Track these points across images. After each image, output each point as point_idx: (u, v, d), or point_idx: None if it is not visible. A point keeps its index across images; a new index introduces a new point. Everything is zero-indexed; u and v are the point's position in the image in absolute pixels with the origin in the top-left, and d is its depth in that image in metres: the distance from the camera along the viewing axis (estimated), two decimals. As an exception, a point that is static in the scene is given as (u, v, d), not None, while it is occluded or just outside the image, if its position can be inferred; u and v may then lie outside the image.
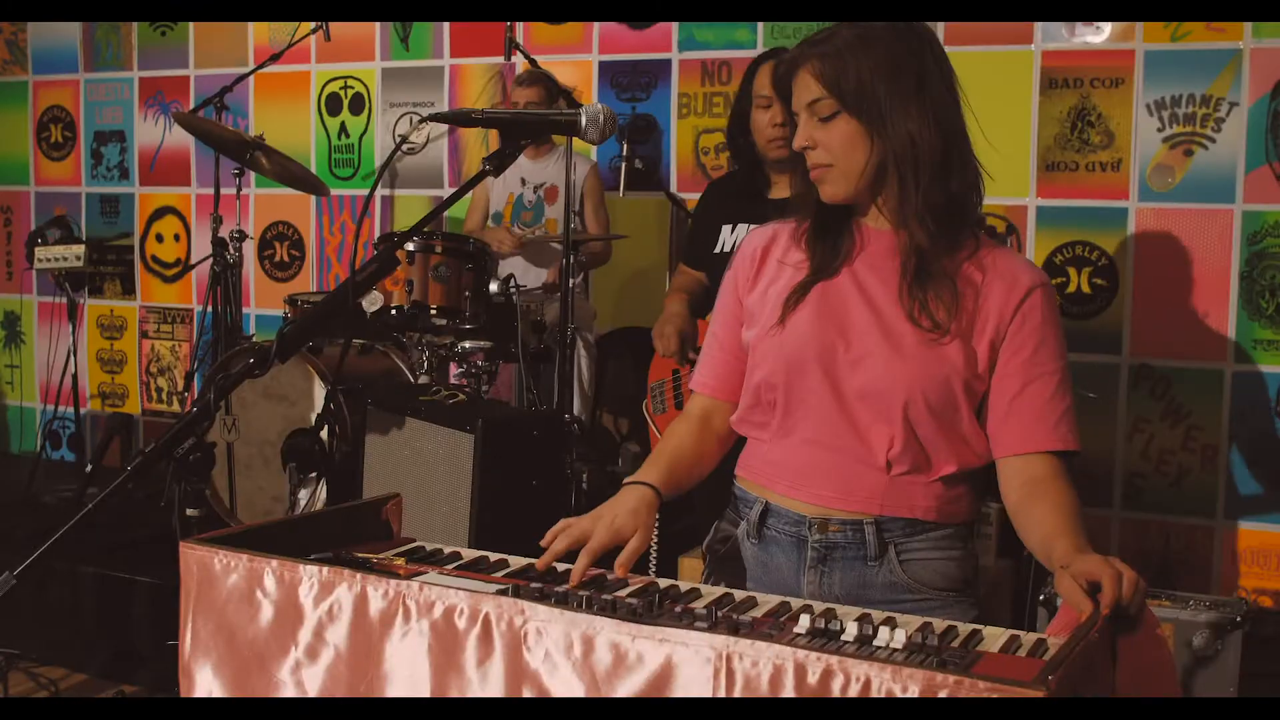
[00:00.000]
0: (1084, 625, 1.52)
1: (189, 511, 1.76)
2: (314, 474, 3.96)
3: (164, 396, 6.56)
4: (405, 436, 3.80)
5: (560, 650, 1.49)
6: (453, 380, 4.54)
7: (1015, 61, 4.74)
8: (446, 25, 5.79)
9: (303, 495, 4.00)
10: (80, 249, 5.60)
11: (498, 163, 1.84)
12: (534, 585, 1.73)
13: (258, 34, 6.21)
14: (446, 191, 5.86)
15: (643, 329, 4.02)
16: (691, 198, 4.93)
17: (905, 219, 1.96)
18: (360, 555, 1.84)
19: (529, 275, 5.00)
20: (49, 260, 5.57)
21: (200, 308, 5.20)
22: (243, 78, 5.51)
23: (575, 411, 4.47)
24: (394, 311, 4.23)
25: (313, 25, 5.44)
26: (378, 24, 5.92)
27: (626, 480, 2.06)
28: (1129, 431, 4.62)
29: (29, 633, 4.33)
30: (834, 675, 1.34)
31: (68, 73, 6.74)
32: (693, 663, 1.42)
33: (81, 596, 4.32)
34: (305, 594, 1.65)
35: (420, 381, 4.34)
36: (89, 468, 5.23)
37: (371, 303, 3.78)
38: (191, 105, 6.30)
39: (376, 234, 5.99)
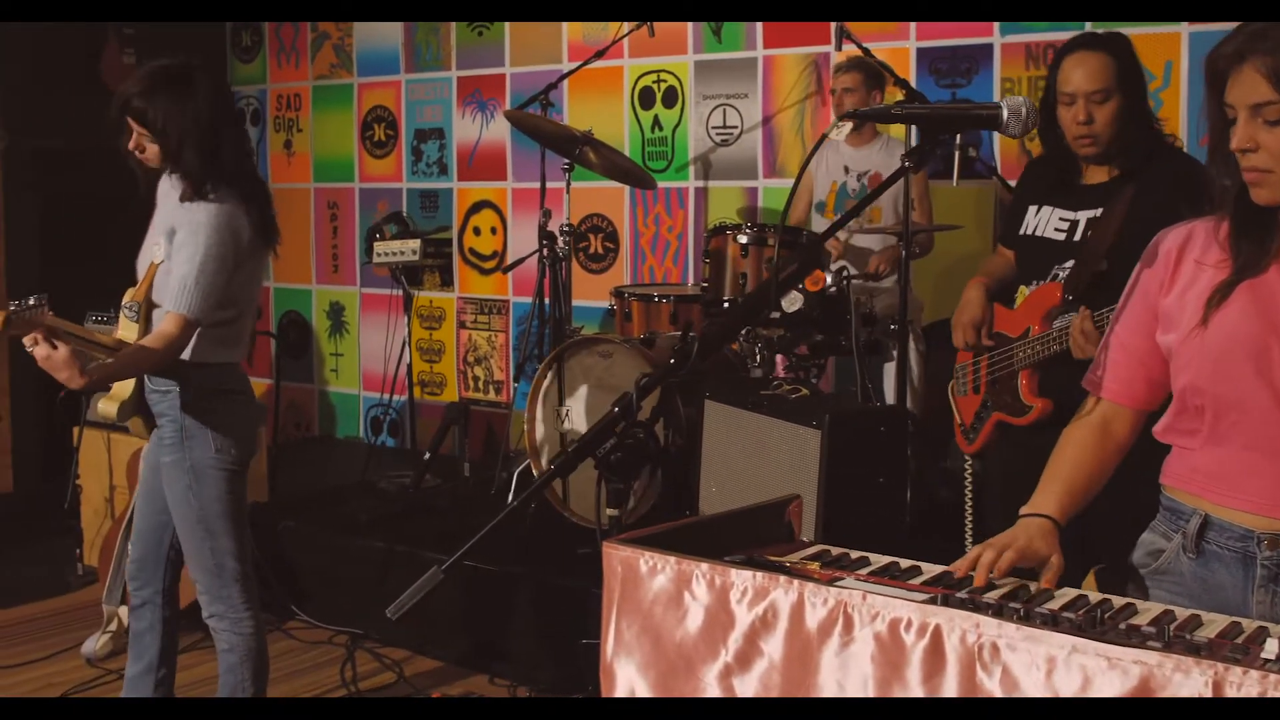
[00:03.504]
0: None
1: (608, 511, 1.77)
2: (645, 466, 3.99)
3: (480, 385, 6.77)
4: (742, 430, 3.78)
5: (1022, 668, 1.42)
6: (781, 373, 4.51)
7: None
8: (759, 16, 5.76)
9: (635, 488, 4.05)
10: (416, 243, 5.79)
11: (918, 159, 1.79)
12: (959, 595, 1.67)
13: (571, 31, 6.32)
14: (760, 182, 5.83)
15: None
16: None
17: None
18: (772, 559, 1.81)
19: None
20: (387, 255, 5.78)
21: (531, 300, 5.31)
22: (566, 75, 5.61)
23: (909, 405, 4.39)
24: (726, 304, 4.23)
25: (636, 22, 5.49)
26: (689, 17, 5.93)
27: (1023, 512, 2.00)
28: None
29: (373, 614, 4.50)
30: (1351, 712, 1.23)
31: (390, 74, 7.03)
32: (1175, 689, 1.33)
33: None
34: (737, 599, 1.62)
35: (753, 375, 4.32)
36: (427, 455, 5.42)
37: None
38: (508, 103, 6.47)
39: (701, 227, 5.99)
